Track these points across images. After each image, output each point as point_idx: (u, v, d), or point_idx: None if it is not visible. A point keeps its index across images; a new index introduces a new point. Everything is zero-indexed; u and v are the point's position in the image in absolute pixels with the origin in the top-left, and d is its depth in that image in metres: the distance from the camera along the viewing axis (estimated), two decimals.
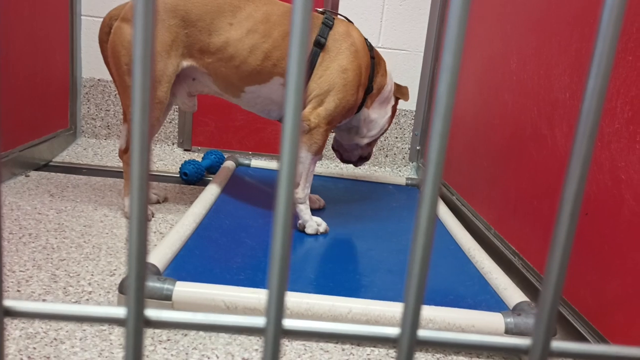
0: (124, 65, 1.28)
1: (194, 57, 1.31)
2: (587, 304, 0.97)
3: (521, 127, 1.31)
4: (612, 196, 0.92)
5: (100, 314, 0.20)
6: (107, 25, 1.34)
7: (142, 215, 0.19)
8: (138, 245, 0.19)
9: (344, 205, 1.61)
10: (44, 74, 1.78)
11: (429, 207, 0.21)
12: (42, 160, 1.77)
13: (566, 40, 1.13)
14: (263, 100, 1.38)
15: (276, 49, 1.30)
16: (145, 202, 0.21)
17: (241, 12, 1.30)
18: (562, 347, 0.22)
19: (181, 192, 1.68)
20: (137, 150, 0.20)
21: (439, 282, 1.12)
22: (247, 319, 0.21)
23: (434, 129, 0.23)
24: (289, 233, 0.21)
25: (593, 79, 0.23)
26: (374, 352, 0.91)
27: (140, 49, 0.21)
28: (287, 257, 0.21)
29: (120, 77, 1.30)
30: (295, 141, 0.22)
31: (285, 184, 0.21)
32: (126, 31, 1.27)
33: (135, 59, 0.21)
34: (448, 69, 0.22)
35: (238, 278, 1.03)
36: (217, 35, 1.28)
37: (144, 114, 0.21)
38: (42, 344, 0.82)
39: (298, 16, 0.22)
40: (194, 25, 1.28)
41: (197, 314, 0.21)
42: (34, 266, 1.06)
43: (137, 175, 0.20)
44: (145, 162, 0.20)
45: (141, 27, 0.21)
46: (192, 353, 0.84)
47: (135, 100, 0.20)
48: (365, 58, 1.37)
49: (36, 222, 1.28)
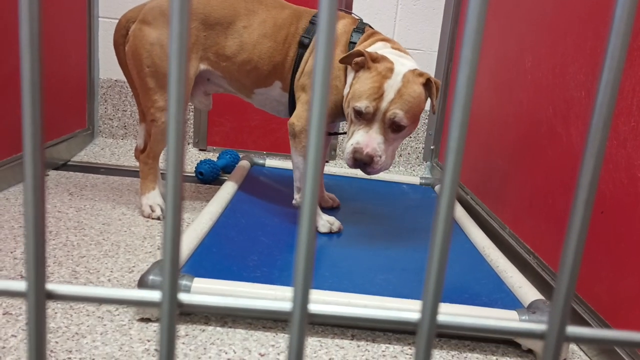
0: (146, 67, 1.29)
1: (210, 60, 1.32)
2: (602, 301, 0.97)
3: (536, 126, 1.30)
4: (628, 194, 0.92)
5: (137, 297, 0.21)
6: (123, 27, 1.34)
7: (176, 202, 0.21)
8: (172, 232, 0.20)
9: (358, 205, 1.62)
10: (62, 75, 1.81)
11: (449, 188, 0.22)
12: (61, 160, 1.80)
13: (581, 38, 1.13)
14: (271, 102, 1.40)
15: (279, 53, 1.31)
16: (180, 192, 0.22)
17: (255, 16, 1.31)
18: (577, 332, 0.22)
19: (197, 192, 1.70)
20: (173, 146, 0.21)
21: (454, 280, 1.12)
22: (274, 303, 0.22)
23: (451, 129, 0.24)
24: (314, 220, 0.22)
25: (606, 74, 0.24)
26: (389, 348, 0.91)
27: (175, 50, 0.22)
28: (312, 244, 0.22)
29: (141, 80, 1.31)
30: (319, 140, 0.23)
31: (311, 172, 0.22)
32: (147, 33, 1.28)
33: (171, 60, 0.22)
34: (466, 65, 0.23)
35: (254, 275, 1.04)
36: (233, 38, 1.30)
37: (178, 116, 0.22)
38: (64, 338, 0.84)
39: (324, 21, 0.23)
40: (212, 28, 1.29)
41: (227, 297, 0.22)
42: (55, 263, 1.08)
43: (172, 171, 0.21)
44: (181, 156, 0.21)
45: (177, 28, 0.22)
46: (209, 348, 0.86)
47: (171, 102, 0.21)
48: (340, 48, 1.31)
49: (56, 220, 1.30)
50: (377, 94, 1.13)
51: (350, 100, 1.18)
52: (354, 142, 1.15)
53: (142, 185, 1.42)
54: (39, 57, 0.22)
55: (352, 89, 1.19)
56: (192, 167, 1.97)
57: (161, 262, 0.97)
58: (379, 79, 1.14)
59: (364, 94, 1.15)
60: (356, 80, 1.19)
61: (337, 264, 1.14)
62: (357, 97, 1.16)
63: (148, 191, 1.41)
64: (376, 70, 1.16)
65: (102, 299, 0.21)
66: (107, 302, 0.21)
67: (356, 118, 1.17)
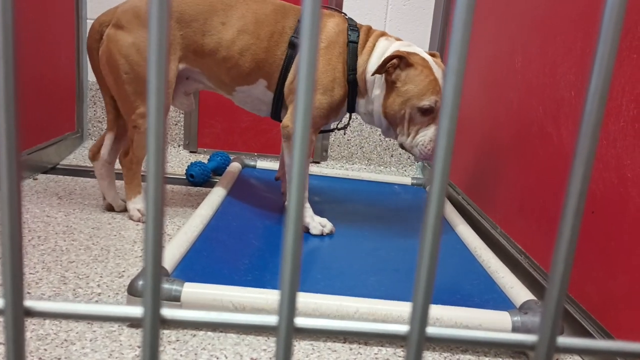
0: (123, 74, 1.25)
1: (189, 59, 1.29)
2: (594, 301, 0.97)
3: (527, 126, 1.31)
4: (618, 194, 0.92)
5: (118, 314, 0.21)
6: (97, 32, 1.29)
7: (157, 215, 0.20)
8: (154, 246, 0.20)
9: (350, 206, 1.61)
10: (51, 78, 1.79)
11: (438, 190, 0.22)
12: (50, 164, 1.79)
13: (571, 38, 1.13)
14: (253, 100, 1.37)
15: (262, 51, 1.27)
16: (161, 202, 0.21)
17: (233, 11, 1.27)
18: (568, 343, 0.22)
19: (188, 194, 1.69)
20: (153, 152, 0.21)
21: (445, 281, 1.12)
22: (260, 317, 0.22)
23: (441, 127, 0.23)
24: (300, 231, 0.21)
25: (596, 75, 0.24)
26: (381, 351, 0.91)
27: (155, 53, 0.21)
28: (298, 256, 0.21)
29: (119, 87, 1.27)
30: (305, 143, 0.23)
31: (296, 181, 0.22)
32: (122, 38, 1.23)
33: (150, 65, 0.21)
34: (454, 68, 0.22)
35: (246, 279, 1.03)
36: (210, 35, 1.26)
37: (159, 120, 0.21)
38: (53, 345, 0.83)
39: (307, 19, 0.23)
40: (188, 26, 1.25)
41: (210, 312, 0.22)
42: (43, 268, 1.07)
43: (152, 177, 0.21)
44: (161, 164, 0.21)
45: (156, 30, 0.21)
46: (201, 353, 0.85)
47: (151, 106, 0.21)
48: (338, 48, 1.28)
49: (45, 225, 1.29)
50: (438, 86, 1.20)
51: (410, 101, 1.21)
52: (431, 137, 1.23)
53: (127, 190, 1.39)
54: (12, 57, 0.21)
55: (405, 90, 1.22)
56: (182, 170, 1.96)
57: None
58: (428, 72, 1.22)
59: (427, 90, 1.20)
60: (403, 81, 1.22)
61: (328, 265, 1.14)
62: (420, 95, 1.20)
63: (134, 195, 1.39)
64: (420, 65, 1.21)
65: (83, 315, 0.21)
66: (86, 318, 0.21)
67: (421, 115, 1.22)
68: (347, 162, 2.30)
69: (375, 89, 1.29)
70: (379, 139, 2.28)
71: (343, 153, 2.29)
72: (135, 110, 1.28)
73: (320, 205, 1.58)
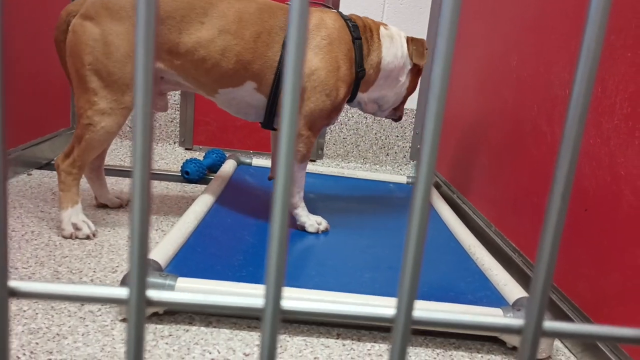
0: (86, 65, 1.16)
1: (162, 58, 1.21)
2: (585, 297, 0.97)
3: (521, 124, 1.31)
4: (611, 192, 0.93)
5: (103, 294, 0.21)
6: (64, 22, 1.21)
7: (144, 195, 0.20)
8: (140, 227, 0.20)
9: (345, 204, 1.61)
10: (45, 74, 1.79)
11: (424, 183, 0.22)
12: (44, 159, 1.78)
13: (565, 36, 1.13)
14: (238, 103, 1.30)
15: (248, 51, 1.21)
16: (148, 192, 0.21)
17: (213, 9, 1.20)
18: (555, 327, 0.22)
19: (183, 191, 1.69)
20: (140, 148, 0.21)
21: (439, 278, 1.12)
22: (247, 299, 0.22)
23: (428, 113, 0.23)
24: (286, 215, 0.21)
25: (580, 70, 0.24)
26: (374, 347, 0.91)
27: (142, 48, 0.21)
28: (284, 239, 0.21)
29: (80, 79, 1.17)
30: (291, 140, 0.23)
31: (283, 169, 0.22)
32: (89, 29, 1.16)
33: (138, 61, 0.21)
34: (441, 57, 0.22)
35: (240, 275, 1.03)
36: (188, 34, 1.18)
37: (145, 117, 0.21)
38: (45, 339, 0.82)
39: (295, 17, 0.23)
40: (162, 23, 1.18)
41: (198, 294, 0.22)
42: (36, 263, 1.06)
43: (139, 174, 0.21)
44: (148, 160, 0.21)
45: (143, 25, 0.21)
46: (193, 348, 0.85)
47: (138, 104, 0.21)
48: (345, 46, 1.27)
49: (39, 220, 1.28)
50: None
51: None
52: None
53: (63, 198, 1.22)
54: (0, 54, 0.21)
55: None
56: (178, 167, 1.95)
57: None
58: None
59: None
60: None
61: (323, 262, 1.14)
62: None
63: (71, 205, 1.22)
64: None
65: (67, 296, 0.21)
66: (72, 299, 0.21)
67: None
68: (343, 161, 2.30)
69: (400, 77, 1.40)
70: (374, 138, 2.28)
71: (339, 151, 2.29)
72: (92, 107, 1.18)
73: (315, 202, 1.58)
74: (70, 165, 1.21)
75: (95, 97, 1.17)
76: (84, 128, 1.19)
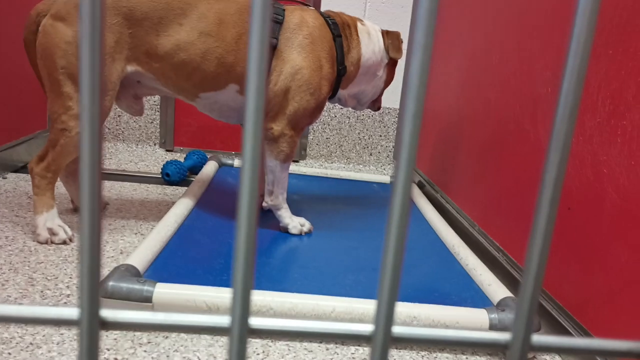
0: (60, 69, 1.12)
1: (140, 61, 1.17)
2: (571, 298, 0.97)
3: (504, 123, 1.30)
4: (594, 190, 0.92)
5: (51, 316, 0.19)
6: (33, 22, 1.15)
7: (94, 210, 0.18)
8: (90, 240, 0.18)
9: (329, 205, 1.60)
10: (21, 74, 1.74)
11: (402, 190, 0.20)
12: (20, 162, 1.74)
13: (547, 35, 1.13)
14: (220, 107, 1.28)
15: (229, 54, 1.18)
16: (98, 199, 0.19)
17: (192, 10, 1.16)
18: (543, 341, 0.21)
19: (163, 193, 1.66)
20: (87, 150, 0.19)
21: (423, 279, 1.11)
22: (212, 317, 0.20)
23: (405, 121, 0.22)
24: (253, 226, 0.19)
25: (569, 70, 0.22)
26: (358, 350, 0.90)
27: (87, 50, 0.19)
28: (252, 252, 0.19)
29: (53, 83, 1.13)
30: (257, 146, 0.21)
31: (248, 178, 0.20)
32: (61, 30, 1.11)
33: (83, 64, 0.19)
34: (419, 52, 0.21)
35: (221, 279, 1.01)
36: (166, 36, 1.15)
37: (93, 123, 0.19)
38: (18, 349, 0.80)
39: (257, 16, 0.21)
40: (139, 24, 1.14)
41: (158, 313, 0.20)
42: (10, 269, 1.03)
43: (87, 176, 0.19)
44: (97, 163, 0.19)
45: (88, 25, 0.19)
46: (173, 355, 0.83)
47: (84, 109, 0.19)
48: (326, 44, 1.26)
49: (13, 225, 1.25)
50: None
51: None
52: None
53: (37, 203, 1.18)
54: None
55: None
56: (158, 168, 1.92)
57: (122, 267, 0.93)
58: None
59: None
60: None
61: (306, 265, 1.12)
62: None
63: (46, 209, 1.18)
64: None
65: (12, 318, 0.19)
66: (18, 321, 0.19)
67: None
68: (326, 161, 2.28)
69: (378, 71, 1.41)
70: (357, 138, 2.27)
71: (322, 152, 2.27)
72: (67, 111, 1.14)
73: (298, 204, 1.56)
74: (44, 169, 1.17)
75: (70, 101, 1.13)
76: (59, 133, 1.15)
